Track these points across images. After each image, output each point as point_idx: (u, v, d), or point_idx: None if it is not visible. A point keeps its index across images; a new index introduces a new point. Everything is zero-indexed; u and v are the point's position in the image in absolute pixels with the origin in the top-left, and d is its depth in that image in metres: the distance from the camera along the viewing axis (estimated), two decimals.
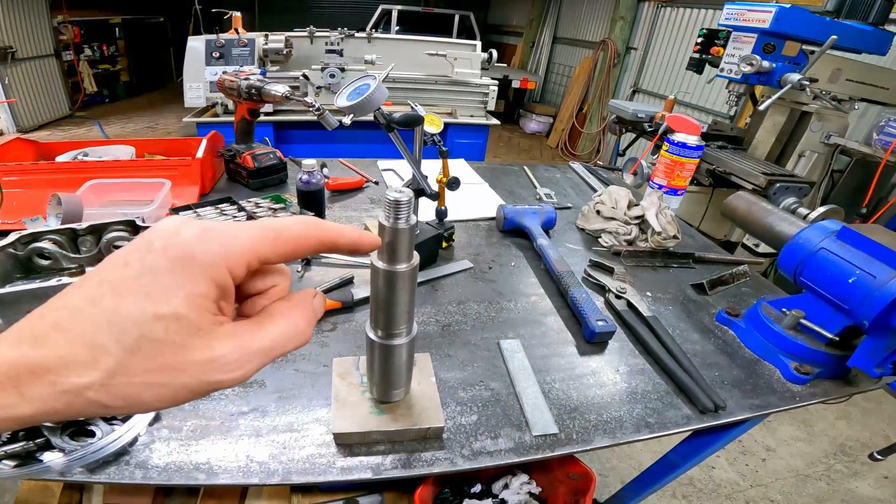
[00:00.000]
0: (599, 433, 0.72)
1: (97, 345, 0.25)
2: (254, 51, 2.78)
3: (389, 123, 0.86)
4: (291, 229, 0.31)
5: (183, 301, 0.26)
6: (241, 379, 0.29)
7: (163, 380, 0.26)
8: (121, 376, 0.25)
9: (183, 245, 0.27)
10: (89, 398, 0.25)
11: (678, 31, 5.44)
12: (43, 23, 6.09)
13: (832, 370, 0.87)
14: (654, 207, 1.25)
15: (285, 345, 0.31)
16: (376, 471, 0.64)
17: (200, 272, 0.27)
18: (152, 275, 0.26)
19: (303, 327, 0.32)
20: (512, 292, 1.05)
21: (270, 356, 0.30)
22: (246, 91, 1.28)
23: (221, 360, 0.28)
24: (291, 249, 0.31)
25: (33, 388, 0.24)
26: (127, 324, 0.25)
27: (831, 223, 0.90)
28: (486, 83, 3.23)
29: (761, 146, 2.54)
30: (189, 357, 0.26)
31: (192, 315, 0.26)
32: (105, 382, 0.25)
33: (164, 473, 0.61)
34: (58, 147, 1.43)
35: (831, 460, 2.21)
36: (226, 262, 0.28)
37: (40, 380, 0.24)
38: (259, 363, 0.30)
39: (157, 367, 0.26)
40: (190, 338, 0.26)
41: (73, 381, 0.24)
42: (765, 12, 2.01)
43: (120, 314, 0.25)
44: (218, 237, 0.28)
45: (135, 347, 0.25)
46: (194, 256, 0.27)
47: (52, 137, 5.80)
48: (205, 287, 0.27)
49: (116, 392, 0.25)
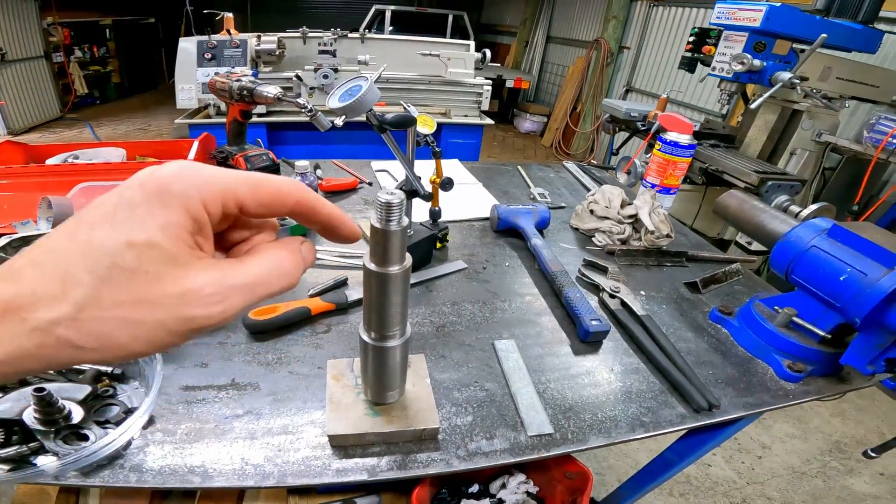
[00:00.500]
0: (594, 433, 0.72)
1: (68, 276, 0.24)
2: (246, 52, 2.77)
3: (382, 124, 0.86)
4: (273, 182, 0.30)
5: (157, 229, 0.25)
6: (220, 316, 0.27)
7: (136, 315, 0.25)
8: (91, 309, 0.24)
9: (159, 179, 0.26)
10: (60, 336, 0.24)
11: (670, 30, 5.46)
12: (32, 24, 6.04)
13: (825, 368, 0.88)
14: (647, 206, 1.25)
15: (270, 283, 0.30)
16: (372, 472, 0.64)
17: (175, 202, 0.26)
18: (128, 207, 0.25)
19: (288, 268, 0.31)
20: (506, 292, 1.05)
21: (254, 293, 0.29)
22: (237, 92, 1.27)
23: (199, 293, 0.26)
24: (269, 201, 0.30)
25: (5, 327, 0.23)
26: (99, 253, 0.24)
27: (822, 221, 0.90)
28: (480, 83, 3.23)
29: (753, 144, 2.56)
30: (163, 288, 0.25)
31: (167, 243, 0.26)
32: (75, 316, 0.24)
33: (158, 477, 0.61)
34: (48, 150, 1.42)
35: (827, 457, 2.22)
36: (201, 196, 0.27)
37: (12, 317, 0.23)
38: (241, 300, 0.28)
39: (130, 299, 0.25)
40: (164, 266, 0.26)
41: (42, 315, 0.24)
42: (755, 11, 2.02)
43: (92, 244, 0.25)
44: (196, 171, 0.27)
45: (106, 276, 0.24)
46: (170, 188, 0.26)
47: (42, 140, 5.76)
48: (180, 217, 0.26)
49: (87, 329, 0.24)
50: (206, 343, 0.82)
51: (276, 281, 0.30)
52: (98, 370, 0.72)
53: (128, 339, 0.25)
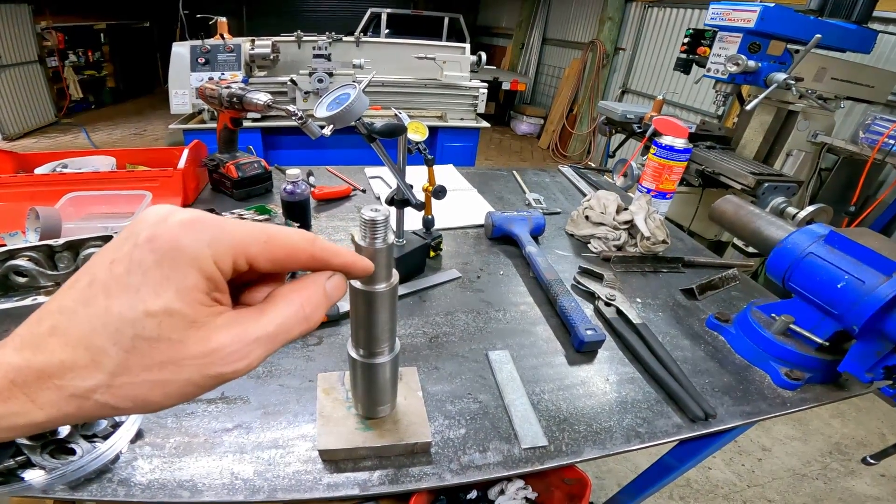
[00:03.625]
0: (589, 444, 0.71)
1: (95, 347, 0.25)
2: (240, 56, 2.75)
3: (371, 134, 0.85)
4: (286, 237, 0.30)
5: (174, 295, 0.25)
6: (246, 369, 0.28)
7: (165, 377, 0.26)
8: (123, 377, 0.25)
9: (168, 236, 0.26)
10: (97, 401, 0.25)
11: (665, 32, 5.47)
12: (26, 29, 6.01)
13: (823, 375, 0.87)
14: (643, 212, 1.25)
15: (290, 330, 0.30)
16: (363, 487, 0.63)
17: (188, 264, 0.26)
18: (140, 270, 0.25)
19: (308, 311, 0.30)
20: (500, 302, 1.04)
21: (275, 343, 0.29)
22: (227, 100, 1.26)
23: (221, 352, 0.27)
24: (282, 257, 0.30)
25: (43, 394, 0.24)
26: (120, 323, 0.25)
27: (819, 227, 0.89)
28: (476, 86, 3.22)
29: (749, 146, 2.56)
30: (186, 352, 0.26)
31: (185, 308, 0.26)
32: (109, 384, 0.25)
33: (147, 491, 0.60)
34: (37, 158, 1.41)
35: (827, 459, 2.22)
36: (213, 254, 0.27)
37: (47, 385, 0.24)
38: (263, 351, 0.28)
39: (157, 364, 0.25)
40: (185, 332, 0.26)
41: (77, 384, 0.24)
42: (749, 12, 2.02)
43: (112, 314, 0.25)
44: (205, 227, 0.27)
45: (131, 347, 0.25)
46: (181, 248, 0.26)
47: (38, 145, 5.75)
48: (194, 279, 0.26)
49: (122, 393, 0.25)
50: None
51: (296, 327, 0.30)
52: None
53: (161, 397, 0.26)
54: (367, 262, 0.35)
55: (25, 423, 0.24)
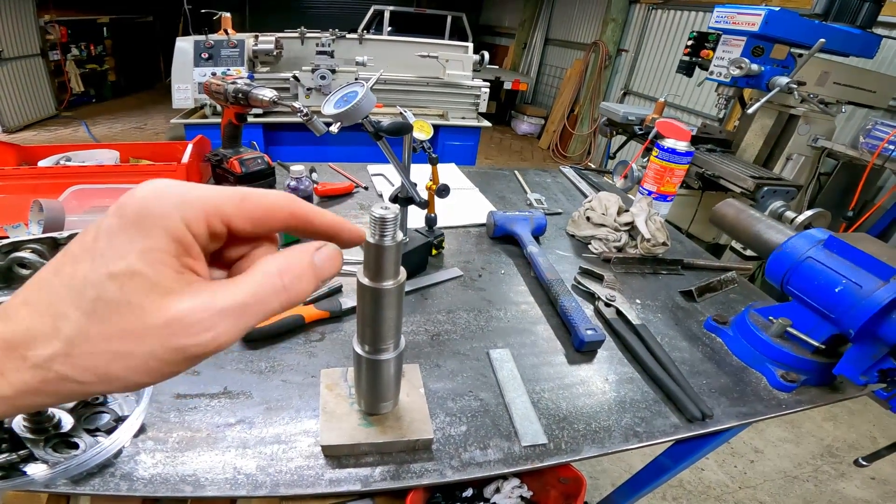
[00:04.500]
0: (588, 443, 0.72)
1: (57, 312, 0.24)
2: (243, 52, 2.75)
3: (377, 132, 0.86)
4: (262, 194, 0.28)
5: (137, 256, 0.24)
6: (212, 343, 0.26)
7: (126, 347, 0.24)
8: (82, 344, 0.24)
9: (136, 202, 0.25)
10: (58, 371, 0.24)
11: (669, 34, 5.47)
12: (29, 22, 6.00)
13: (818, 378, 0.88)
14: (644, 214, 1.25)
15: (265, 301, 0.27)
16: (365, 483, 0.64)
17: (155, 226, 0.25)
18: (107, 236, 0.25)
19: (287, 281, 0.28)
20: (502, 301, 1.05)
21: (247, 315, 0.26)
22: (233, 95, 1.27)
23: (183, 321, 0.25)
24: (259, 216, 0.28)
25: (9, 364, 0.23)
26: (82, 286, 0.24)
27: (819, 232, 0.90)
28: (478, 85, 3.22)
29: (749, 149, 2.56)
30: (147, 319, 0.24)
31: (148, 270, 0.24)
32: (67, 352, 0.24)
33: (149, 485, 0.60)
34: (40, 151, 1.41)
35: (818, 461, 2.23)
36: (182, 214, 0.25)
37: (13, 354, 0.24)
38: (233, 323, 0.26)
39: (117, 331, 0.24)
40: (147, 295, 0.24)
41: (38, 352, 0.23)
42: (754, 15, 2.02)
43: (76, 278, 0.24)
44: (174, 190, 0.26)
45: (91, 310, 0.24)
46: (148, 211, 0.25)
47: (38, 138, 5.73)
48: (160, 241, 0.25)
49: (82, 363, 0.24)
50: None
51: (272, 298, 0.27)
52: None
53: (123, 371, 0.25)
54: (357, 229, 0.33)
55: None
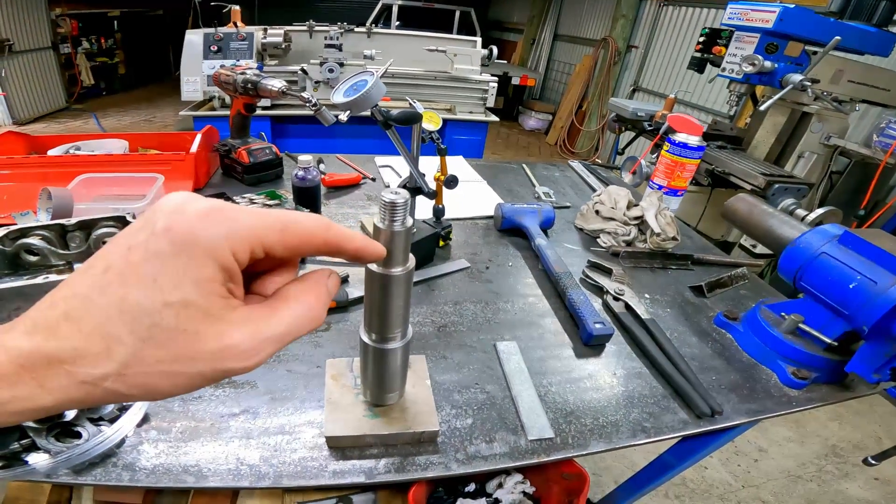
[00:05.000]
0: (595, 437, 0.71)
1: (110, 335, 0.24)
2: (252, 45, 2.75)
3: (387, 121, 0.85)
4: (301, 224, 0.30)
5: (191, 287, 0.25)
6: (255, 366, 0.28)
7: (177, 369, 0.26)
8: (136, 366, 0.25)
9: (186, 226, 0.26)
10: (107, 388, 0.25)
11: (680, 30, 5.42)
12: (41, 15, 6.04)
13: (829, 375, 0.86)
14: (654, 208, 1.24)
15: (300, 329, 0.30)
16: (369, 475, 0.63)
17: (205, 255, 0.26)
18: (157, 260, 0.25)
19: (317, 311, 0.31)
20: (509, 293, 1.04)
21: (285, 341, 0.30)
22: (242, 86, 1.26)
23: (236, 349, 0.27)
24: (297, 244, 0.30)
25: (52, 379, 0.24)
26: (137, 313, 0.25)
27: (834, 227, 0.89)
28: (486, 80, 3.20)
29: (761, 146, 2.53)
30: (202, 345, 0.26)
31: (202, 301, 0.26)
32: (121, 373, 0.25)
33: (151, 475, 0.60)
34: (50, 140, 1.42)
35: (822, 461, 2.21)
36: (230, 245, 0.26)
37: (57, 370, 0.24)
38: (273, 349, 0.29)
39: (171, 356, 0.25)
40: (202, 324, 0.26)
41: (89, 371, 0.24)
42: (768, 12, 1.99)
43: (129, 303, 0.25)
44: (222, 218, 0.27)
45: (147, 337, 0.25)
46: (198, 239, 0.26)
47: (48, 130, 5.77)
48: (211, 271, 0.26)
49: (133, 382, 0.25)
50: None
51: (305, 326, 0.31)
52: None
53: (169, 387, 0.26)
54: (380, 247, 0.36)
55: (32, 407, 0.24)
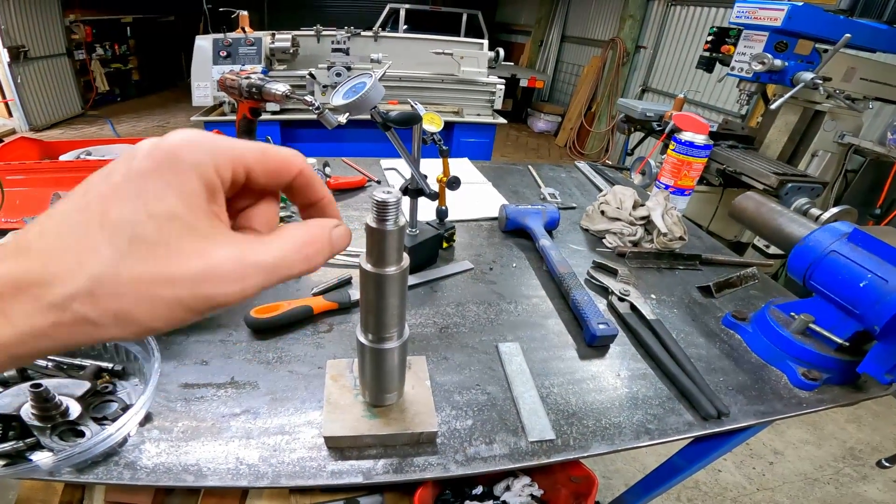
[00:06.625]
0: (598, 439, 0.70)
1: (86, 248, 0.23)
2: (260, 50, 2.78)
3: (385, 122, 0.85)
4: (280, 150, 0.30)
5: (176, 199, 0.25)
6: (239, 294, 0.26)
7: (154, 290, 0.24)
8: (109, 284, 0.23)
9: (168, 147, 0.25)
10: (76, 312, 0.23)
11: (688, 30, 5.39)
12: (55, 22, 6.16)
13: (841, 376, 0.84)
14: (660, 208, 1.23)
15: (290, 266, 0.29)
16: (367, 475, 0.63)
17: (189, 170, 0.25)
18: (140, 178, 0.24)
19: (310, 252, 0.30)
20: (512, 294, 1.03)
21: (273, 275, 0.28)
22: (247, 90, 1.27)
23: (218, 270, 0.25)
24: (276, 168, 0.30)
25: (18, 306, 0.22)
26: (118, 224, 0.24)
27: (843, 225, 0.87)
28: (493, 82, 3.21)
29: (773, 145, 2.50)
30: (183, 263, 0.24)
31: (187, 214, 0.25)
32: (91, 291, 0.23)
33: (152, 474, 0.60)
34: (62, 146, 1.44)
35: (840, 464, 2.17)
36: (213, 162, 0.26)
37: (24, 295, 0.22)
38: (261, 280, 0.27)
39: (149, 273, 0.24)
40: (185, 239, 0.25)
41: (58, 291, 0.23)
42: (777, 10, 1.97)
43: (109, 217, 0.24)
44: (204, 140, 0.27)
45: (126, 250, 0.23)
46: (181, 156, 0.25)
47: (64, 136, 5.88)
48: (195, 185, 0.25)
49: (105, 305, 0.23)
50: (206, 340, 0.82)
51: (297, 264, 0.29)
52: (98, 366, 0.72)
53: (145, 315, 0.24)
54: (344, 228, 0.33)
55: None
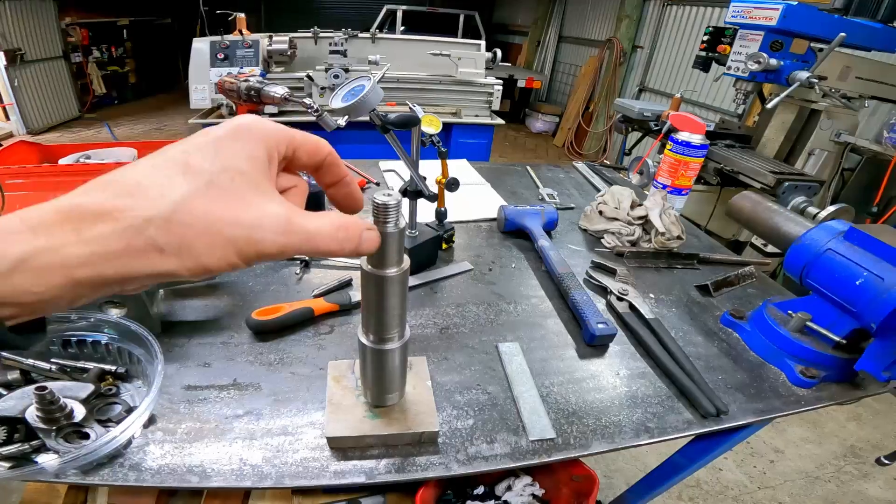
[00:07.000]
0: (598, 438, 0.71)
1: (169, 183, 0.27)
2: (258, 52, 2.78)
3: (384, 125, 0.85)
4: (312, 135, 0.36)
5: (246, 161, 0.30)
6: (282, 246, 0.31)
7: (219, 227, 0.28)
8: (183, 213, 0.27)
9: (242, 121, 0.32)
10: (149, 237, 0.26)
11: (684, 29, 5.40)
12: (51, 25, 6.15)
13: (839, 374, 0.85)
14: (658, 207, 1.23)
15: (326, 240, 0.33)
16: (370, 475, 0.63)
17: (258, 140, 0.32)
18: (218, 140, 0.30)
19: (342, 236, 0.34)
20: (512, 294, 1.04)
21: (309, 242, 0.32)
22: (245, 93, 1.28)
23: (272, 218, 0.30)
24: (314, 148, 0.36)
25: (94, 228, 0.25)
26: (199, 170, 0.29)
27: (838, 223, 0.88)
28: (491, 83, 3.21)
29: (770, 144, 2.51)
30: (245, 209, 0.29)
31: (254, 173, 0.31)
32: (168, 217, 0.27)
33: (157, 476, 0.61)
34: (61, 150, 1.44)
35: (841, 462, 2.18)
36: (275, 137, 0.33)
37: (106, 218, 0.26)
38: (298, 241, 0.31)
39: (218, 212, 0.28)
40: (249, 191, 0.30)
41: (139, 213, 0.26)
42: (771, 10, 1.98)
43: (191, 164, 0.29)
44: (267, 121, 0.33)
45: (201, 189, 0.28)
46: (252, 129, 0.32)
47: (61, 139, 5.86)
48: (261, 151, 0.32)
49: (175, 231, 0.27)
50: (209, 343, 0.82)
51: (330, 241, 0.34)
52: (102, 369, 0.72)
53: (205, 248, 0.28)
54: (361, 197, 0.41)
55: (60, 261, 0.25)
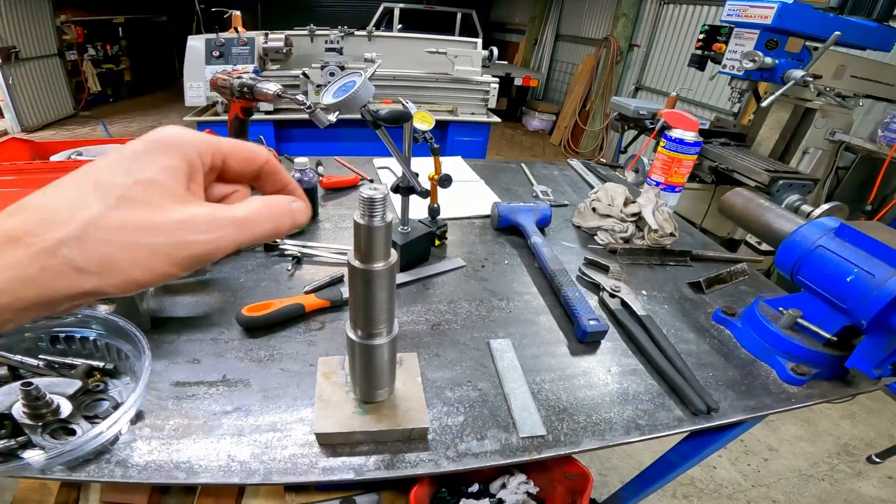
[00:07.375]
0: (588, 435, 0.71)
1: (79, 204, 0.26)
2: (254, 50, 2.77)
3: (375, 120, 0.85)
4: (247, 143, 0.35)
5: (160, 171, 0.29)
6: (214, 244, 0.30)
7: (138, 238, 0.27)
8: (97, 230, 0.26)
9: (157, 134, 0.30)
10: (64, 257, 0.25)
11: (681, 28, 5.41)
12: (46, 23, 6.10)
13: (830, 371, 0.85)
14: (651, 204, 1.23)
15: (259, 221, 0.32)
16: (359, 472, 0.63)
17: (174, 150, 0.30)
18: (131, 155, 0.29)
19: (274, 212, 0.33)
20: (504, 291, 1.03)
21: (244, 229, 0.31)
22: (238, 89, 1.27)
23: (195, 219, 0.29)
24: (247, 156, 0.35)
25: (8, 254, 0.25)
26: (108, 186, 0.27)
27: (830, 220, 0.88)
28: (487, 81, 3.21)
29: (765, 143, 2.52)
30: (164, 214, 0.28)
31: (168, 181, 0.29)
32: (80, 235, 0.25)
33: (143, 472, 0.60)
34: (52, 146, 1.43)
35: (835, 460, 2.19)
36: (195, 146, 0.31)
37: (17, 244, 0.25)
38: (232, 232, 0.30)
39: (134, 221, 0.27)
40: (165, 198, 0.29)
41: (49, 236, 0.25)
42: (767, 8, 1.98)
43: (102, 182, 0.27)
44: (189, 131, 0.32)
45: (113, 204, 0.27)
46: (166, 140, 0.30)
47: (56, 137, 5.83)
48: (178, 161, 0.30)
49: (91, 249, 0.26)
50: (198, 339, 0.82)
51: (265, 221, 0.32)
52: (90, 365, 0.72)
53: (128, 262, 0.27)
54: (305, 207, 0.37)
55: None
